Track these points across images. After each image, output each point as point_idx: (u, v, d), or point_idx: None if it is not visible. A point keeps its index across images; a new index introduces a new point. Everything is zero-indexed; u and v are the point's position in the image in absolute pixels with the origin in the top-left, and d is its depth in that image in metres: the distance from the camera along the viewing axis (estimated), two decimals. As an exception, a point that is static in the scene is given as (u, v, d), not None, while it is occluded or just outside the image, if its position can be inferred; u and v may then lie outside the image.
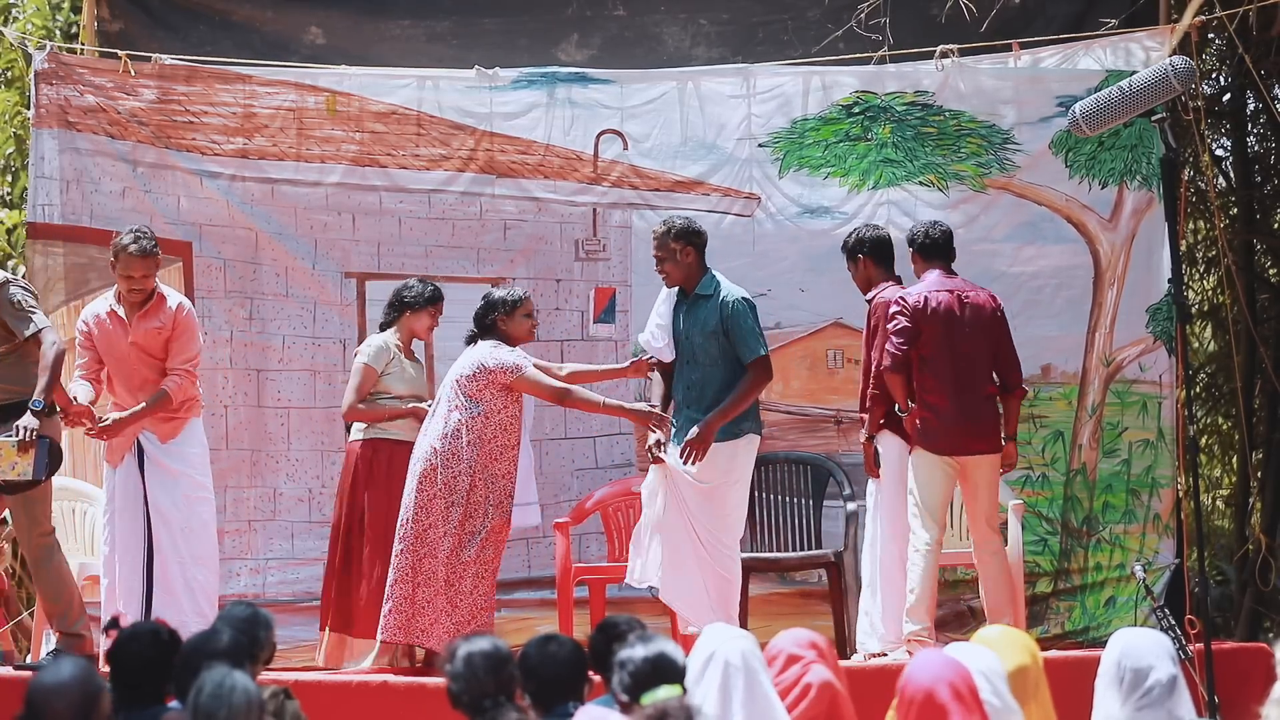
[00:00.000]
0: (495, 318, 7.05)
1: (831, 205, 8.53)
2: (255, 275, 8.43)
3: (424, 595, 6.81)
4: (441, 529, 6.82)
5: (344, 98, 8.55)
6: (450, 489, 6.83)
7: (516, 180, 8.58)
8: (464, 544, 6.82)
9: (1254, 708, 3.91)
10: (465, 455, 6.84)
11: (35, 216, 8.32)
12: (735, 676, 3.99)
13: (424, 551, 6.82)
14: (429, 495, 6.84)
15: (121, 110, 8.36)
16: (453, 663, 3.98)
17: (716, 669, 4.01)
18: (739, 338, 6.91)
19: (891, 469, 7.18)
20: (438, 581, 6.80)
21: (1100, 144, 8.38)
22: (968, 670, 3.99)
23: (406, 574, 6.82)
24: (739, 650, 4.04)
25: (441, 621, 6.78)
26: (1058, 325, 8.47)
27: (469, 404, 6.88)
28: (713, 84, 8.64)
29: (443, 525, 6.82)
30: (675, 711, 3.56)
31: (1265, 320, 11.04)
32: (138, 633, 4.33)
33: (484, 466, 6.86)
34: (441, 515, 6.82)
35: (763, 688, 4.02)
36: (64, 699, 3.71)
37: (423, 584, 6.81)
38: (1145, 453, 8.38)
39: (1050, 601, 8.33)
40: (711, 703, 3.96)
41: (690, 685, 4.02)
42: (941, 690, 3.88)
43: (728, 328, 6.92)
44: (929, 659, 4.04)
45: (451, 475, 6.83)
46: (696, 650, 4.09)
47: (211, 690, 3.73)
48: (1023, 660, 4.32)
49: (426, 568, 6.81)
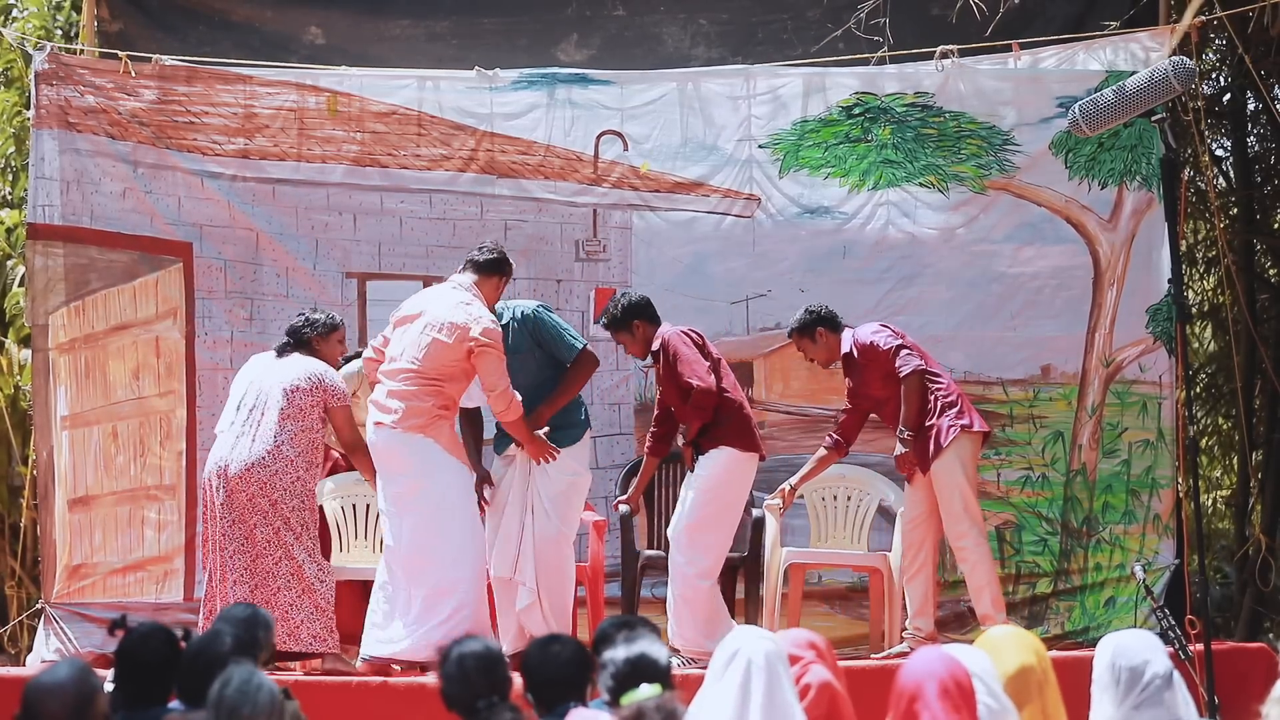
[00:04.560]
0: (312, 336, 7.11)
1: (831, 206, 8.53)
2: (256, 276, 8.43)
3: (285, 599, 6.84)
4: (274, 534, 6.83)
5: (344, 98, 8.55)
6: (290, 494, 6.85)
7: (517, 181, 8.58)
8: (296, 545, 6.86)
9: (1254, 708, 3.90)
10: (300, 462, 6.88)
11: (35, 217, 8.31)
12: (757, 677, 3.97)
13: (265, 558, 6.85)
14: (259, 499, 6.83)
15: (122, 111, 8.36)
16: (445, 664, 3.98)
17: (739, 668, 3.99)
18: (551, 343, 7.06)
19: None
20: (290, 584, 6.84)
21: (1100, 144, 8.38)
22: (964, 668, 3.99)
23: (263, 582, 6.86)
24: (763, 651, 4.02)
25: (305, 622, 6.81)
26: (1057, 326, 8.46)
27: (298, 416, 6.91)
28: (713, 85, 8.65)
29: (281, 531, 6.84)
30: (651, 712, 3.56)
31: (1265, 320, 11.04)
32: (147, 633, 4.34)
33: (310, 479, 6.92)
34: (276, 519, 6.84)
35: (784, 692, 3.99)
36: (59, 699, 3.72)
37: (281, 589, 6.85)
38: (1145, 453, 8.37)
39: (1050, 602, 8.32)
40: (730, 701, 3.96)
41: (710, 680, 4.03)
42: (930, 686, 3.89)
43: (538, 339, 7.04)
44: (926, 656, 4.04)
45: (289, 480, 6.85)
46: (722, 647, 4.09)
47: (238, 686, 3.74)
48: (1027, 660, 4.32)
49: (279, 573, 6.85)
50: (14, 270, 10.13)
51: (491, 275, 7.02)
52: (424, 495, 6.78)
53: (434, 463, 6.78)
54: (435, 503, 6.77)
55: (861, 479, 7.95)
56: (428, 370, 6.79)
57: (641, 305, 7.32)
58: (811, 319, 7.45)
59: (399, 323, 6.97)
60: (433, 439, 6.78)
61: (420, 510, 6.77)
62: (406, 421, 6.76)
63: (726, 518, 7.26)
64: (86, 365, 8.34)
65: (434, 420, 6.79)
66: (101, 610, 7.89)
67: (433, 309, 6.87)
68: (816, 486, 7.86)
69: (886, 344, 7.31)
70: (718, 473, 7.19)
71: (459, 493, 6.85)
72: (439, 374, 6.80)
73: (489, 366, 6.77)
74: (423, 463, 6.78)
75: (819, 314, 7.46)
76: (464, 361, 6.79)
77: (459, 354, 6.77)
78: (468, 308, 6.84)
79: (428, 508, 6.76)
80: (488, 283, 7.00)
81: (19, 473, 10.15)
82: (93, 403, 8.31)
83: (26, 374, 9.46)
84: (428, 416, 6.78)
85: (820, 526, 7.95)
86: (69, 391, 8.29)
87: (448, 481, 6.82)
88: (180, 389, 8.30)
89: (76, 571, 8.19)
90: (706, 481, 7.19)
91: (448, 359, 6.78)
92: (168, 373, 8.38)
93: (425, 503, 6.77)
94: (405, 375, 6.82)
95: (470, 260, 7.06)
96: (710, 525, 7.18)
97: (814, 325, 7.44)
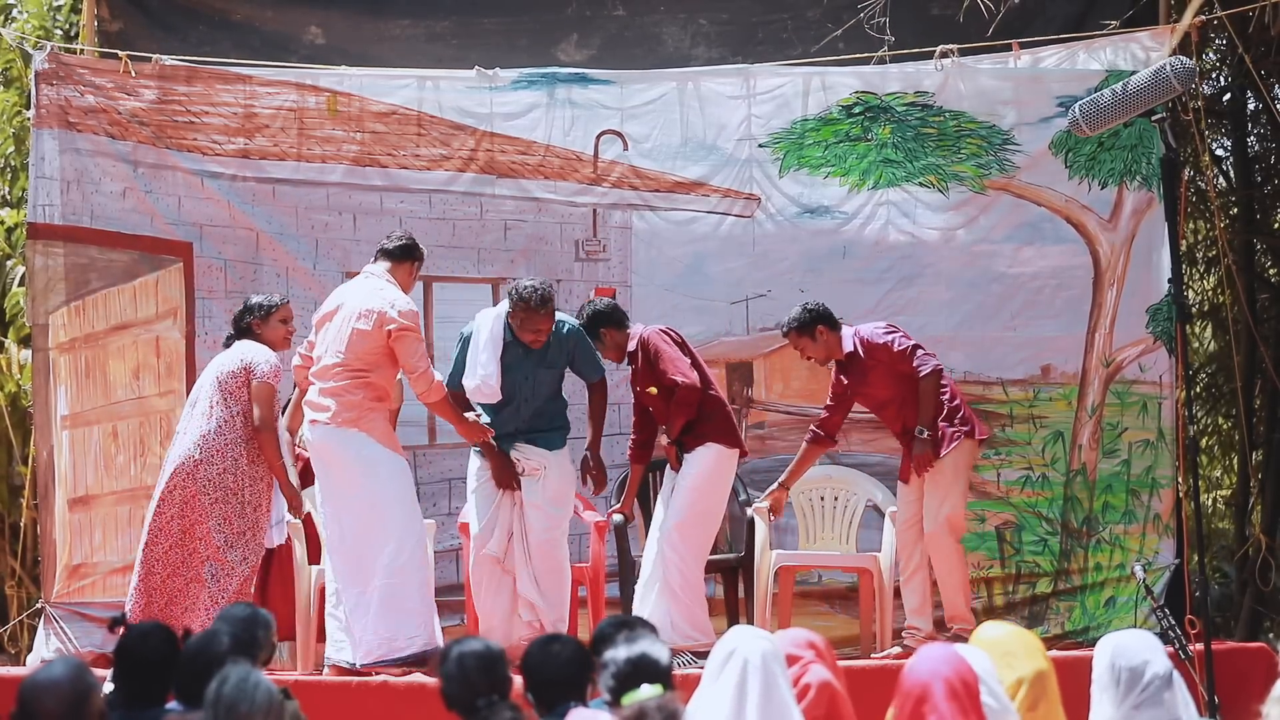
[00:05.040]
0: (250, 321, 7.10)
1: (831, 205, 8.53)
2: (256, 275, 8.43)
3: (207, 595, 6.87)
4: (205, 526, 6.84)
5: (344, 98, 8.55)
6: (215, 486, 6.85)
7: (517, 180, 8.58)
8: (230, 544, 6.86)
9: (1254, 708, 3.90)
10: (229, 453, 6.88)
11: (35, 217, 8.31)
12: (753, 677, 3.97)
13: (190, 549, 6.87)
14: (190, 493, 6.86)
15: (122, 110, 8.36)
16: (445, 664, 3.98)
17: (735, 667, 3.99)
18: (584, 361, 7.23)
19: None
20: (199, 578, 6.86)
21: (1100, 144, 8.38)
22: (969, 667, 3.99)
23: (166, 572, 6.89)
24: (759, 651, 4.02)
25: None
26: (1057, 326, 8.46)
27: (228, 402, 6.91)
28: (713, 84, 8.64)
29: (206, 522, 6.84)
30: (653, 712, 3.56)
31: (1265, 320, 11.03)
32: (147, 632, 4.34)
33: (246, 466, 6.89)
34: (204, 512, 6.85)
35: (780, 691, 3.99)
36: (55, 697, 3.72)
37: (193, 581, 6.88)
38: (1145, 453, 8.37)
39: (1050, 602, 8.32)
40: (726, 700, 3.96)
41: (707, 680, 4.03)
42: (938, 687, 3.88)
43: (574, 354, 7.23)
44: (931, 655, 4.04)
45: (217, 472, 6.85)
46: (719, 646, 4.09)
47: (236, 683, 3.75)
48: (1043, 665, 4.33)
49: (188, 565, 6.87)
50: (14, 270, 10.14)
51: (404, 262, 7.07)
52: (362, 490, 6.81)
53: (369, 456, 6.83)
54: (373, 496, 6.81)
55: (848, 479, 7.94)
56: (352, 362, 6.83)
57: (606, 312, 7.34)
58: (811, 316, 7.42)
59: (320, 322, 7.01)
60: (366, 432, 6.82)
61: (360, 505, 6.81)
62: (340, 417, 6.80)
63: (714, 513, 7.35)
64: (86, 365, 8.34)
65: (366, 414, 6.83)
66: (101, 610, 7.88)
67: (350, 301, 6.91)
68: (804, 488, 7.85)
69: (901, 345, 7.30)
70: (706, 470, 7.24)
71: (397, 484, 6.88)
72: (364, 364, 6.83)
73: (408, 349, 6.82)
74: (358, 457, 6.82)
75: (818, 311, 7.44)
76: (386, 347, 6.83)
77: (380, 340, 6.81)
78: (382, 293, 6.90)
79: (366, 502, 6.80)
80: (400, 269, 7.05)
81: (19, 472, 10.16)
82: (93, 402, 8.31)
83: (26, 374, 9.46)
84: (360, 410, 6.82)
85: (809, 528, 7.95)
86: (69, 391, 8.29)
87: (385, 474, 6.85)
88: (180, 389, 8.28)
89: (76, 571, 8.19)
90: (695, 479, 7.23)
91: (370, 346, 6.81)
92: (168, 372, 8.38)
93: (364, 497, 6.81)
94: (334, 371, 6.86)
95: (382, 249, 7.10)
96: (699, 522, 7.25)
97: (814, 323, 7.41)
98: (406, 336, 6.80)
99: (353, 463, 6.82)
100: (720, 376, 8.32)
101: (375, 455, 6.83)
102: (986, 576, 8.34)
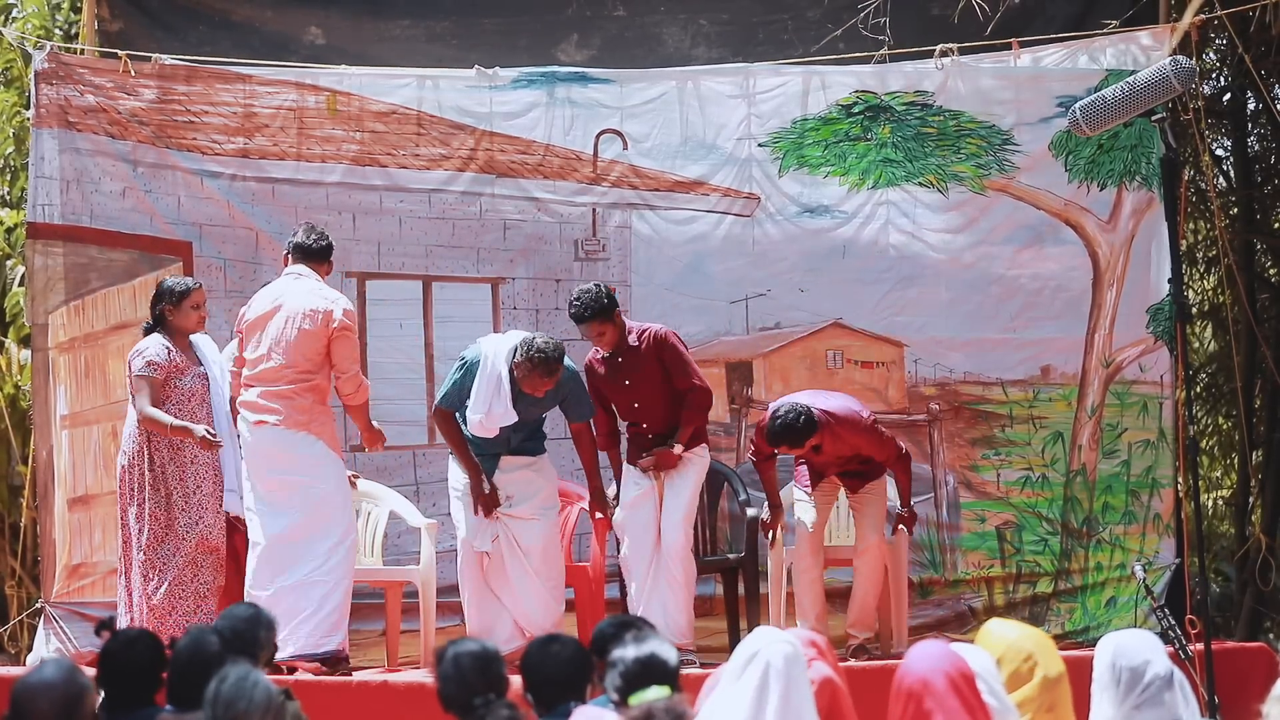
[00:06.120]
0: (162, 308, 7.08)
1: (831, 205, 8.52)
2: (256, 275, 8.41)
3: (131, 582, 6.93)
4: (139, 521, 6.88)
5: (344, 97, 8.54)
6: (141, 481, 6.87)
7: (516, 180, 8.57)
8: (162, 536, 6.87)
9: (1254, 708, 3.90)
10: (144, 446, 6.88)
11: (35, 216, 8.31)
12: (774, 680, 3.97)
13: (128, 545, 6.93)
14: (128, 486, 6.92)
15: (122, 110, 8.36)
16: (441, 664, 3.98)
17: (757, 669, 3.99)
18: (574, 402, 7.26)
19: None
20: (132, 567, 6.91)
21: (1099, 146, 8.37)
22: (963, 660, 3.98)
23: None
24: (782, 655, 4.01)
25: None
26: (1057, 327, 8.45)
27: (130, 392, 6.96)
28: (713, 84, 8.64)
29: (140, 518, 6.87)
30: (661, 713, 3.55)
31: (1265, 320, 11.03)
32: (133, 638, 4.34)
33: (168, 456, 6.87)
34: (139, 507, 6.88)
35: (800, 695, 3.98)
36: (48, 698, 3.71)
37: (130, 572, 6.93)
38: (1145, 453, 8.37)
39: (1050, 602, 8.32)
40: (746, 701, 3.96)
41: (727, 680, 4.03)
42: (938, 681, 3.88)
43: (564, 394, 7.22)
44: (925, 652, 4.03)
45: (140, 467, 6.87)
46: (742, 646, 4.09)
47: (235, 681, 3.75)
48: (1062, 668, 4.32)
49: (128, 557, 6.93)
50: (14, 270, 10.14)
51: (326, 262, 7.17)
52: (308, 493, 6.87)
53: (318, 461, 6.91)
54: (318, 501, 6.87)
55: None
56: (299, 362, 6.88)
57: (614, 296, 7.31)
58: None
59: (251, 327, 7.01)
60: (316, 436, 6.90)
61: (302, 507, 6.85)
62: (291, 420, 6.86)
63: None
64: (86, 365, 8.33)
65: (316, 417, 6.91)
66: (101, 610, 7.86)
67: (290, 301, 6.95)
68: None
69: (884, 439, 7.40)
70: (701, 470, 7.37)
71: (342, 488, 6.99)
72: (311, 365, 6.89)
73: (344, 350, 6.91)
74: (307, 461, 6.88)
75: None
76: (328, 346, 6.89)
77: (325, 340, 6.87)
78: (323, 293, 6.98)
79: (310, 505, 6.85)
80: (324, 269, 7.15)
81: (19, 472, 10.15)
82: (92, 402, 8.31)
83: (26, 374, 9.46)
84: (310, 414, 6.89)
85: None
86: (69, 391, 8.29)
87: (334, 479, 6.94)
88: (180, 388, 8.28)
89: (76, 571, 8.19)
90: (696, 479, 7.34)
91: (318, 347, 6.89)
92: (167, 372, 8.36)
93: (308, 500, 6.86)
94: (277, 372, 6.89)
95: (305, 249, 7.14)
96: (693, 519, 7.36)
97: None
98: (347, 336, 6.93)
99: (302, 466, 6.89)
100: (720, 376, 8.34)
101: (323, 457, 6.93)
102: (987, 576, 8.34)
